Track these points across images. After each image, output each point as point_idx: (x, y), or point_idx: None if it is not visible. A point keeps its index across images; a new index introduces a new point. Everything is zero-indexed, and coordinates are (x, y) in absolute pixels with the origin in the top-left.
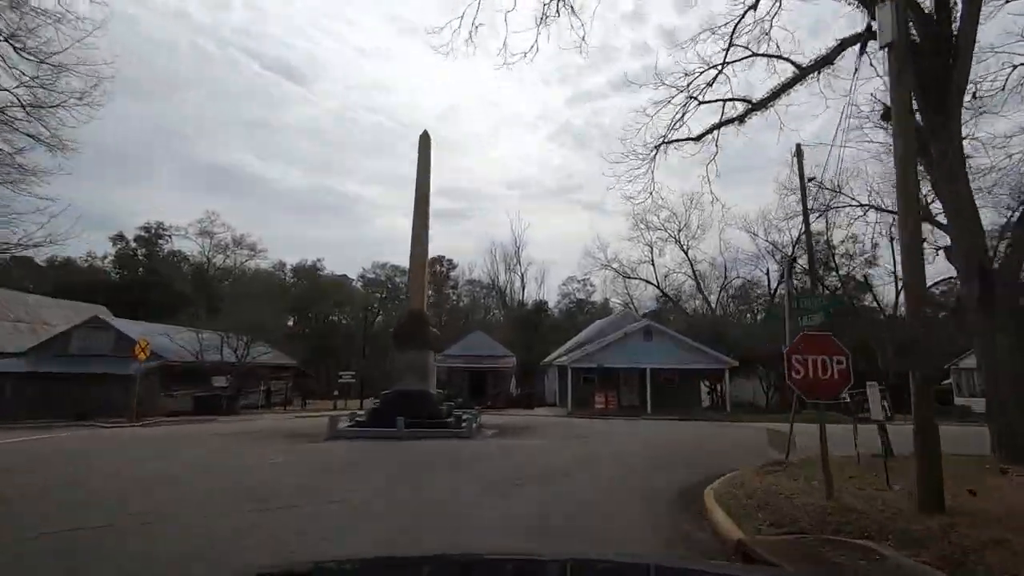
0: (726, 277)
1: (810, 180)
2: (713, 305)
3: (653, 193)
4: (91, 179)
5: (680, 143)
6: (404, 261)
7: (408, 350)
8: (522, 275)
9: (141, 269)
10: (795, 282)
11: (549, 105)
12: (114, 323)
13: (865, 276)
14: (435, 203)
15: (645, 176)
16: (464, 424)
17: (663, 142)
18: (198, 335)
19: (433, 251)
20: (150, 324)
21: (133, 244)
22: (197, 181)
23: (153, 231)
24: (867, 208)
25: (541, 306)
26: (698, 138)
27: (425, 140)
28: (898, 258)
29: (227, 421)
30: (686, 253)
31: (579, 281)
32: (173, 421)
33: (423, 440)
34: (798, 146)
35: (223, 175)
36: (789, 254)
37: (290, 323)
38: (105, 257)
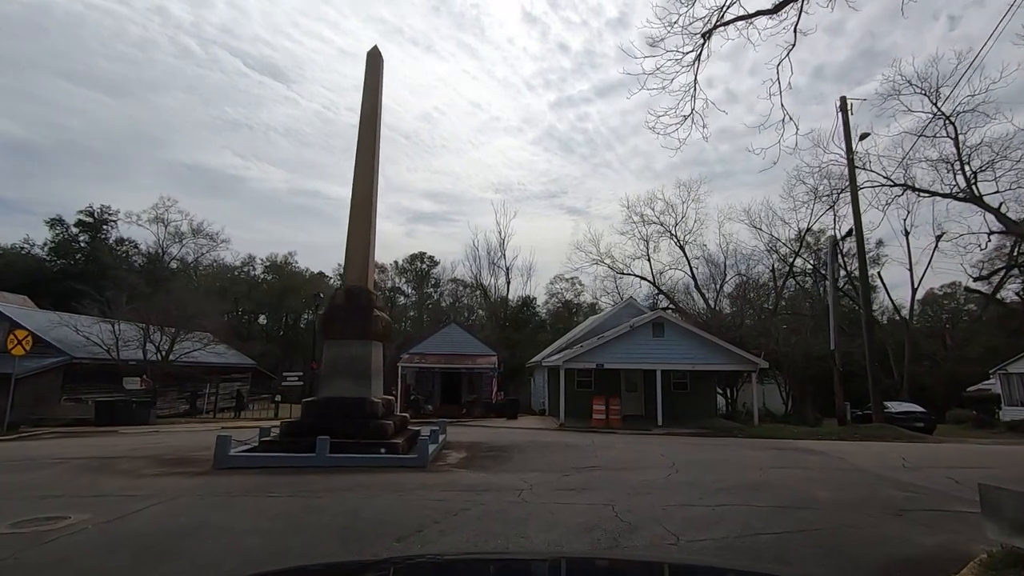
0: (725, 273)
1: (863, 137)
2: (712, 303)
3: (694, 114)
4: (65, 176)
5: (747, 20)
6: (384, 258)
7: (343, 341)
8: (507, 270)
9: (80, 256)
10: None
11: (533, 109)
12: (7, 311)
13: (879, 274)
14: (418, 206)
15: (686, 76)
16: (418, 446)
17: (719, 23)
18: (114, 327)
19: (414, 249)
20: (65, 315)
21: (74, 229)
22: (176, 180)
23: (97, 216)
24: (904, 188)
25: (528, 302)
26: (776, 9)
27: (375, 59)
28: (915, 255)
29: (128, 433)
30: (683, 249)
31: (567, 279)
32: (61, 433)
33: (349, 474)
34: (843, 99)
35: (203, 175)
36: (834, 237)
37: (262, 320)
38: (45, 244)
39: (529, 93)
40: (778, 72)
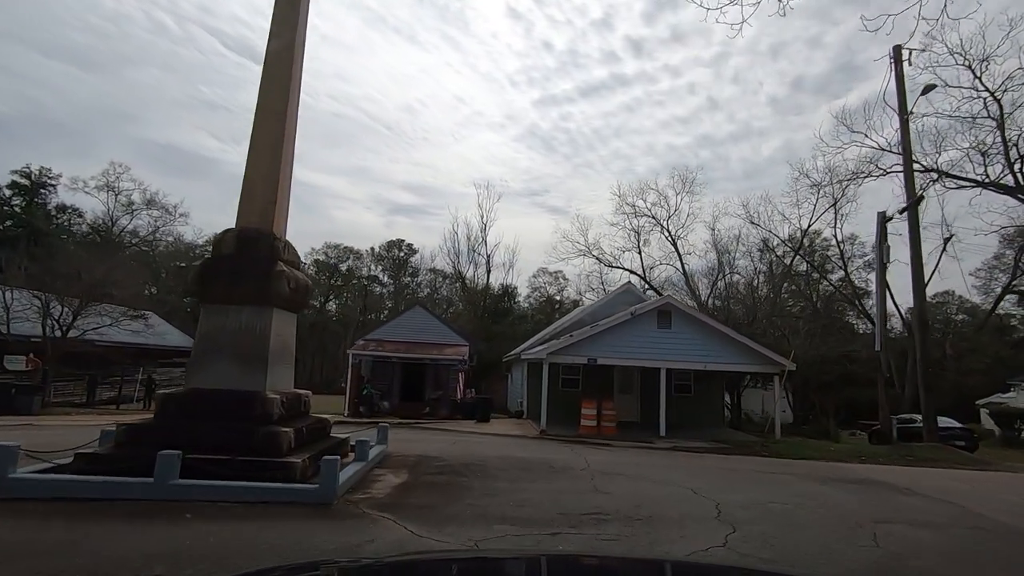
0: (720, 270)
1: (927, 90)
2: (705, 300)
3: None
4: (32, 150)
5: None
6: (361, 243)
7: (228, 307)
8: (488, 257)
9: (10, 222)
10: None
11: (516, 106)
12: None
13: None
14: (397, 197)
15: None
16: (323, 471)
17: None
18: (3, 295)
19: (392, 236)
20: None
21: (7, 192)
22: (147, 158)
23: (35, 179)
24: (939, 174)
25: (509, 291)
26: None
27: None
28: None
29: None
30: (675, 244)
31: (551, 273)
32: None
33: (184, 523)
34: (897, 48)
35: (176, 154)
36: (882, 214)
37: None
38: None
39: (512, 89)
40: None
